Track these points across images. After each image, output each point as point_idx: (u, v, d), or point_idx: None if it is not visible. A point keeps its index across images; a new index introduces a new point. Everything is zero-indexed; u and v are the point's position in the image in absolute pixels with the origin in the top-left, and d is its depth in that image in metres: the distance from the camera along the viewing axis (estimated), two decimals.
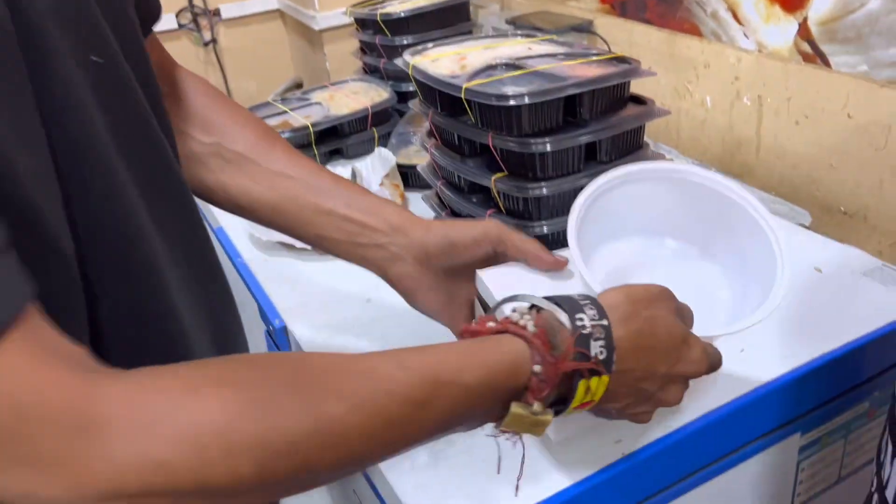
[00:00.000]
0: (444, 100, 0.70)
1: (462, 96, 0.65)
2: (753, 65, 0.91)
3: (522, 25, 1.23)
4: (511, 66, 0.70)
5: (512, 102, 0.62)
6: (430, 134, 0.79)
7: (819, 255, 0.78)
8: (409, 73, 0.73)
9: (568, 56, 0.72)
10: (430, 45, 0.79)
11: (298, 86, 1.91)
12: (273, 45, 1.93)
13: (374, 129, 1.15)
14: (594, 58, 0.70)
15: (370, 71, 1.32)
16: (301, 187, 0.57)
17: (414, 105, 0.80)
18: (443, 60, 0.73)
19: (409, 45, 1.21)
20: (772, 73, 0.89)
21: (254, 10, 1.86)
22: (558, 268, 0.54)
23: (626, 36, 1.11)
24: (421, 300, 0.57)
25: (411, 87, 1.20)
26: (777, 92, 0.89)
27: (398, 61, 0.76)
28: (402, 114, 1.18)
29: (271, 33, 1.92)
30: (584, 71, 0.67)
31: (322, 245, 0.58)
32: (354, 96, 1.20)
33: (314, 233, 0.57)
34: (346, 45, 1.66)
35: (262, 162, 0.58)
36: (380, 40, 1.22)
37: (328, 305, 0.78)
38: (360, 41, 1.31)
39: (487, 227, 0.55)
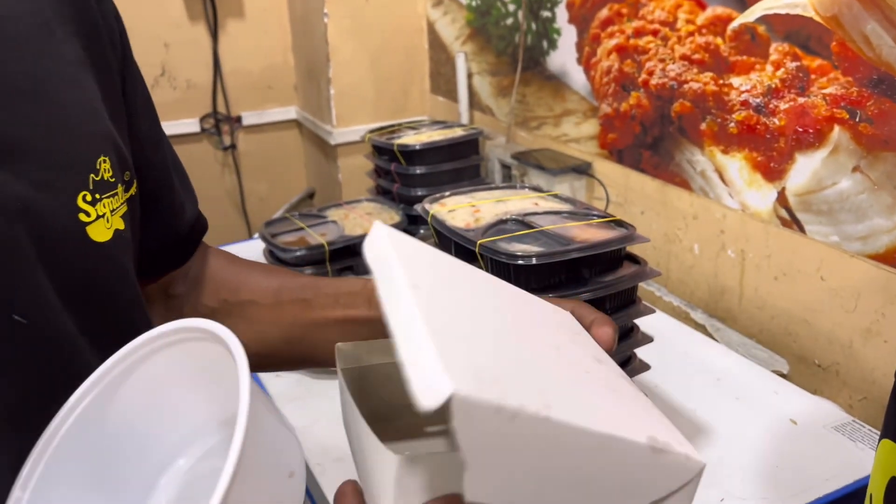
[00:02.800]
0: (458, 248, 0.78)
1: (476, 250, 0.73)
2: (737, 222, 1.01)
3: (526, 162, 1.33)
4: (520, 222, 0.78)
5: (521, 262, 0.69)
6: None
7: (795, 405, 0.85)
8: (429, 221, 0.81)
9: (571, 216, 0.80)
10: (447, 193, 0.88)
11: (311, 195, 2.01)
12: (288, 152, 2.04)
13: None
14: (595, 220, 0.78)
15: (382, 192, 1.41)
16: (309, 308, 0.56)
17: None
18: (459, 212, 0.81)
19: (422, 175, 1.31)
20: (754, 232, 0.98)
21: (273, 119, 1.98)
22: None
23: (623, 181, 1.21)
24: None
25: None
26: (758, 249, 0.98)
27: (417, 207, 0.85)
28: (411, 236, 1.26)
29: (287, 141, 2.03)
30: (585, 233, 0.75)
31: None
32: (368, 217, 1.28)
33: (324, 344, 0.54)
34: (358, 161, 1.76)
35: (263, 299, 0.57)
36: (395, 167, 1.32)
37: (336, 425, 0.83)
38: (376, 165, 1.41)
39: None
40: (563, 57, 1.32)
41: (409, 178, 1.32)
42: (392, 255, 0.33)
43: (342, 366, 0.40)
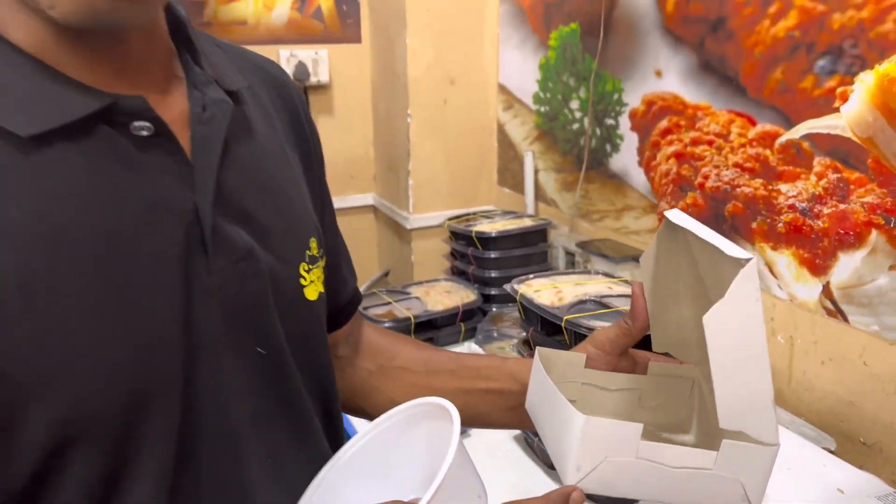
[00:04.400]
0: (544, 322, 0.92)
1: (563, 325, 0.86)
2: (786, 311, 1.12)
3: (590, 250, 1.48)
4: (598, 302, 0.91)
5: None
6: (526, 344, 1.00)
7: (842, 477, 0.94)
8: (517, 299, 0.95)
9: None
10: (530, 276, 1.02)
11: (386, 274, 2.18)
12: (364, 234, 2.23)
13: (462, 324, 1.37)
14: None
15: (458, 273, 1.56)
16: (456, 378, 0.68)
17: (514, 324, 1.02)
18: (543, 292, 0.96)
19: (496, 259, 1.46)
20: (801, 320, 1.10)
21: (352, 204, 2.18)
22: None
23: None
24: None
25: (493, 292, 1.43)
26: (806, 336, 1.09)
27: (507, 287, 0.99)
28: (485, 313, 1.40)
29: (363, 224, 2.22)
30: None
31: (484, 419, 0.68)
32: (447, 294, 1.43)
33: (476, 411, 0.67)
34: (430, 243, 1.93)
35: (415, 367, 0.69)
36: (472, 251, 1.47)
37: None
38: (453, 248, 1.57)
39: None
40: (625, 159, 1.48)
41: (485, 261, 1.47)
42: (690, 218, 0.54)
43: (541, 360, 0.56)
